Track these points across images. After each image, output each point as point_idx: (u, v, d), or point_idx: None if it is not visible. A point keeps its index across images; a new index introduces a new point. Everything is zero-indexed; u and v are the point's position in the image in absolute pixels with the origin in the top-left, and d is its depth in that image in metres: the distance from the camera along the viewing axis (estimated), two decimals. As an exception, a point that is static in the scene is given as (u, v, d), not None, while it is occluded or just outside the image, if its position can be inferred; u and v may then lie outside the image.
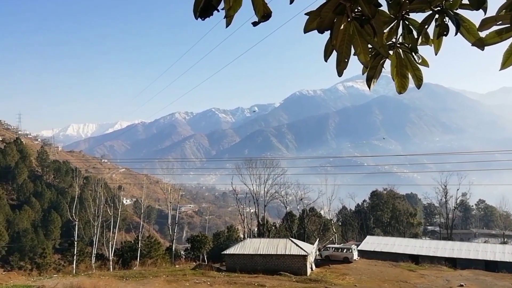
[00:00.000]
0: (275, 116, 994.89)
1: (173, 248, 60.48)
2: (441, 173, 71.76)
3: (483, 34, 2.82)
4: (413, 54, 3.12)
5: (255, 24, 3.08)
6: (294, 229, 67.61)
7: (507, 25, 2.73)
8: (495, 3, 2.77)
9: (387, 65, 3.23)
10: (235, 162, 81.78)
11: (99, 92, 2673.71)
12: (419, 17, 3.03)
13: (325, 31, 2.92)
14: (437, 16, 2.89)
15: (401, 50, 3.16)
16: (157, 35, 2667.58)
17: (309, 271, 39.29)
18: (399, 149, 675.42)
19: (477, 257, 47.37)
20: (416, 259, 48.86)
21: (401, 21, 3.05)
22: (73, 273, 45.39)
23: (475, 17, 2.92)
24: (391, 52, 3.16)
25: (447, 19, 2.85)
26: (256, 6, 2.95)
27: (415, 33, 3.05)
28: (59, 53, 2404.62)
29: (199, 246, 58.95)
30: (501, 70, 2.96)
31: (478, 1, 2.72)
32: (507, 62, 2.80)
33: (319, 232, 67.16)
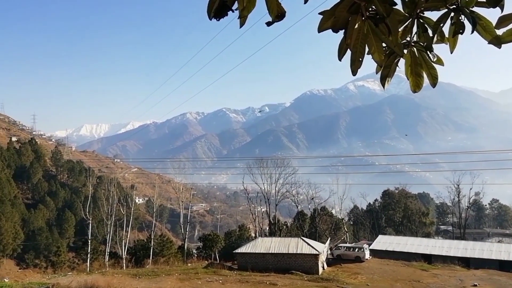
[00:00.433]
0: (285, 115, 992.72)
1: (185, 246, 60.74)
2: (454, 172, 71.17)
3: (499, 32, 2.80)
4: (428, 52, 3.11)
5: (269, 24, 3.08)
6: (305, 228, 67.42)
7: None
8: None
9: (399, 64, 3.22)
10: (246, 161, 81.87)
11: (111, 93, 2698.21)
12: (434, 15, 3.02)
13: (340, 30, 2.93)
14: (452, 14, 2.88)
15: (415, 48, 3.15)
16: (169, 37, 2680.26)
17: (320, 270, 39.19)
18: (410, 148, 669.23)
19: (490, 256, 46.70)
20: (428, 259, 48.36)
21: (416, 20, 3.04)
22: (87, 271, 45.89)
23: (491, 14, 2.90)
24: (406, 51, 3.15)
25: (463, 17, 2.84)
26: (270, 6, 2.95)
27: (430, 31, 3.04)
28: (72, 55, 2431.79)
29: (211, 245, 59.14)
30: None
31: (495, -1, 2.71)
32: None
33: (330, 231, 66.88)
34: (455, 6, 2.85)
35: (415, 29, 3.09)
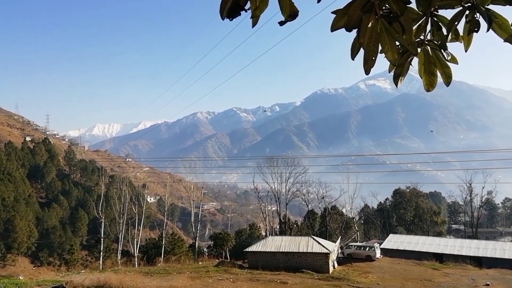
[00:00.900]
0: (296, 114, 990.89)
1: (196, 245, 60.92)
2: (466, 171, 70.47)
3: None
4: (442, 51, 3.09)
5: (281, 23, 3.06)
6: (315, 227, 67.23)
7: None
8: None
9: (412, 62, 3.20)
10: (256, 160, 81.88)
11: (123, 93, 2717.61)
12: (448, 13, 2.99)
13: (353, 29, 2.91)
14: (467, 12, 2.85)
15: (429, 47, 3.12)
16: (179, 37, 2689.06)
17: (331, 269, 39.07)
18: (422, 147, 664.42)
19: (503, 256, 46.05)
20: (440, 258, 47.89)
21: (430, 18, 3.02)
22: (99, 269, 46.35)
23: (507, 12, 2.88)
24: (419, 49, 3.13)
25: (478, 15, 2.82)
26: (282, 5, 2.93)
27: (444, 30, 3.02)
28: (86, 57, 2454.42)
29: (221, 243, 59.33)
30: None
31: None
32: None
33: (341, 230, 66.61)
34: (470, 4, 2.82)
35: (429, 28, 3.06)
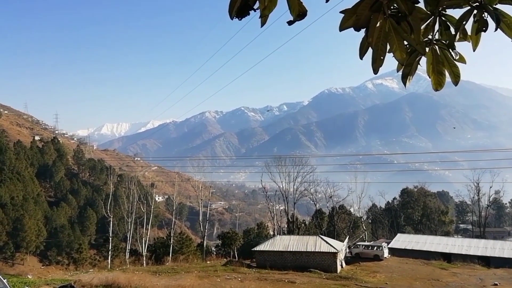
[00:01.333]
0: (304, 114, 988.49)
1: (204, 244, 61.12)
2: (473, 171, 70.31)
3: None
4: (450, 50, 3.10)
5: (290, 23, 3.06)
6: (323, 227, 67.19)
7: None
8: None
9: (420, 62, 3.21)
10: (264, 160, 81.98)
11: (132, 93, 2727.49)
12: (456, 13, 3.00)
13: (361, 28, 2.93)
14: (475, 11, 2.87)
15: (437, 46, 3.13)
16: (187, 38, 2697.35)
17: (339, 268, 39.06)
18: (429, 147, 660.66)
19: (511, 256, 45.92)
20: (448, 258, 47.81)
21: (438, 18, 3.03)
22: (108, 268, 46.61)
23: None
24: (427, 49, 3.14)
25: (486, 14, 2.83)
26: (291, 5, 2.93)
27: (452, 29, 3.03)
28: (94, 57, 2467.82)
29: (229, 242, 59.46)
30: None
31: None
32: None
33: (349, 229, 66.51)
34: (478, 3, 2.83)
35: (437, 27, 3.07)
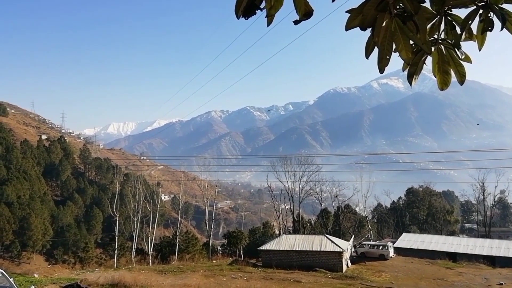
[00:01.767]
0: (309, 113, 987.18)
1: (210, 243, 61.24)
2: (479, 170, 70.10)
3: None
4: (456, 50, 3.10)
5: (296, 22, 3.06)
6: (329, 226, 67.08)
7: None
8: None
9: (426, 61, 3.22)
10: (270, 159, 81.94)
11: (138, 92, 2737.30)
12: (461, 12, 3.01)
13: (367, 28, 2.95)
14: (481, 11, 2.87)
15: (443, 46, 3.13)
16: (193, 38, 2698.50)
17: (344, 267, 39.02)
18: (435, 146, 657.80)
19: None
20: (453, 257, 47.69)
21: (444, 17, 3.04)
22: (114, 267, 46.86)
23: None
24: (433, 48, 3.14)
25: (491, 14, 2.84)
26: (297, 4, 2.94)
27: (458, 29, 3.04)
28: (101, 57, 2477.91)
29: (235, 241, 59.54)
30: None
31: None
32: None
33: (354, 229, 66.39)
34: (484, 3, 2.84)
35: (442, 27, 3.08)
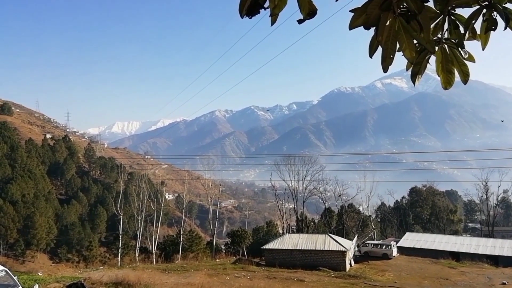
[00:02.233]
0: (313, 113, 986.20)
1: (214, 242, 61.39)
2: (482, 170, 70.19)
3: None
4: (459, 49, 3.11)
5: (300, 21, 3.06)
6: (332, 225, 67.01)
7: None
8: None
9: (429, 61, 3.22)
10: (274, 158, 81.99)
11: (142, 91, 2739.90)
12: (465, 12, 3.01)
13: (371, 27, 2.95)
14: (484, 10, 2.88)
15: (446, 45, 3.14)
16: (198, 38, 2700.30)
17: (348, 267, 39.02)
18: (438, 146, 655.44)
19: None
20: (456, 256, 47.64)
21: (447, 17, 3.04)
22: (118, 266, 46.99)
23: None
24: (437, 47, 3.14)
25: (495, 13, 2.84)
26: (301, 4, 2.94)
27: (461, 28, 3.05)
28: (105, 56, 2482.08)
29: (239, 240, 59.59)
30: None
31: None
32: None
33: (357, 228, 66.27)
34: (487, 2, 2.84)
35: (446, 26, 3.09)
